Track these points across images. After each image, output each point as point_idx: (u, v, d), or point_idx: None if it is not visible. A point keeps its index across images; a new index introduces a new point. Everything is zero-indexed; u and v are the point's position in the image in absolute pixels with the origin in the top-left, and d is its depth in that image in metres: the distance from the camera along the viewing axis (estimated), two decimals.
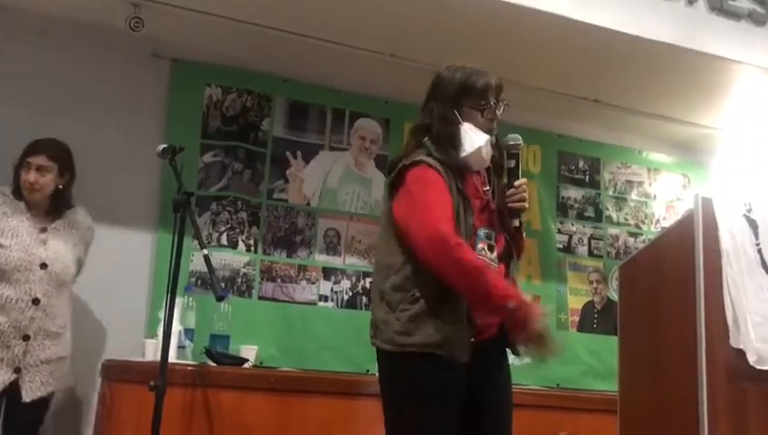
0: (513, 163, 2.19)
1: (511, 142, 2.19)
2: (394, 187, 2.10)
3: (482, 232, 2.08)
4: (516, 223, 2.16)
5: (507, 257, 2.16)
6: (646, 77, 3.64)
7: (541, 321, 1.98)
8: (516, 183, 2.16)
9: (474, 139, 2.09)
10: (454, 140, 2.09)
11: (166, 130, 3.44)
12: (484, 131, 2.12)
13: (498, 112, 2.15)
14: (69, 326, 2.72)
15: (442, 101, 2.13)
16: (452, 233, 1.95)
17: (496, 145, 2.18)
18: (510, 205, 2.15)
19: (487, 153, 2.13)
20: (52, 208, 2.73)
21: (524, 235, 2.24)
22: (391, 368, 2.04)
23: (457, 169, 2.09)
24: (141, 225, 3.36)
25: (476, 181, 2.15)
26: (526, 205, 2.17)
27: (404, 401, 2.01)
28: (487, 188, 2.17)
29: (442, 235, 1.94)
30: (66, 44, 3.35)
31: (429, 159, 2.07)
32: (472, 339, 2.03)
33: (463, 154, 2.08)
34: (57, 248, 2.69)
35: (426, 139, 2.13)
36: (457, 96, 2.12)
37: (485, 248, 2.06)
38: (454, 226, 1.99)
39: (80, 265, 2.81)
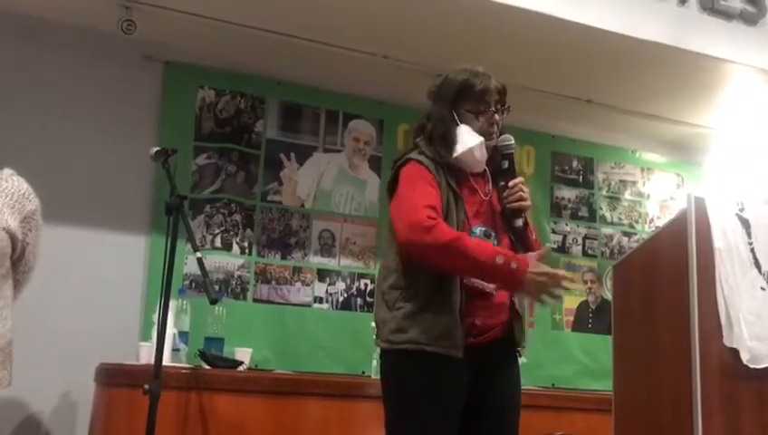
0: (506, 164, 2.18)
1: (502, 144, 2.18)
2: (391, 189, 2.13)
3: (477, 229, 2.08)
4: (520, 223, 2.15)
5: None
6: (638, 77, 3.64)
7: (538, 276, 1.95)
8: (510, 183, 2.15)
9: (467, 140, 2.10)
10: (446, 140, 2.11)
11: (159, 132, 3.43)
12: (483, 135, 2.12)
13: (498, 117, 2.16)
14: (3, 317, 2.19)
15: (441, 102, 2.16)
16: (426, 217, 1.95)
17: (495, 149, 2.19)
18: (508, 205, 2.14)
19: (482, 155, 2.13)
20: None
21: (535, 235, 2.23)
22: (389, 366, 2.06)
23: (449, 167, 2.11)
24: (134, 228, 3.35)
25: (478, 182, 2.16)
26: (526, 203, 2.15)
27: (401, 398, 2.02)
28: (489, 190, 2.17)
29: (416, 220, 1.95)
30: (58, 48, 3.34)
31: (419, 157, 2.10)
32: (471, 339, 2.03)
33: (455, 154, 2.10)
34: None
35: (419, 138, 2.16)
36: (455, 98, 2.14)
37: None
38: (437, 212, 1.99)
39: (15, 241, 2.20)
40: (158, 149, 2.69)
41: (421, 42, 3.37)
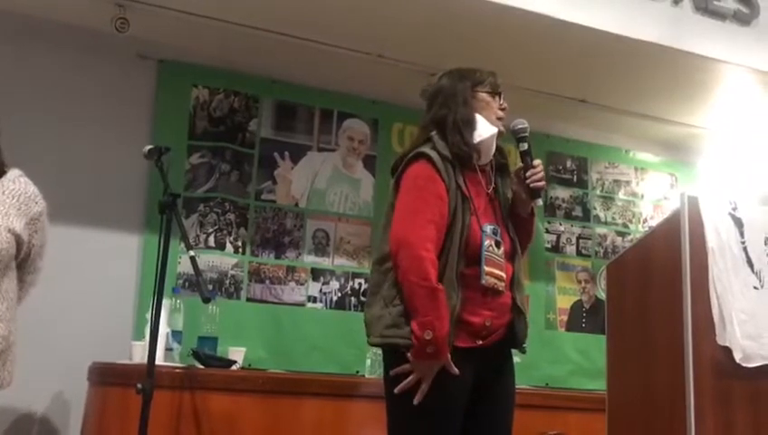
0: (525, 146, 2.22)
1: (519, 126, 2.23)
2: (398, 183, 2.11)
3: (488, 228, 2.08)
4: (540, 202, 2.20)
5: (512, 257, 2.16)
6: (632, 77, 3.65)
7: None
8: (536, 162, 2.19)
9: (488, 126, 2.14)
10: (470, 124, 2.12)
11: (152, 131, 3.43)
12: (497, 123, 2.17)
13: (504, 104, 2.21)
14: (7, 319, 2.14)
15: (457, 89, 2.16)
16: (425, 241, 1.96)
17: (498, 148, 2.21)
18: (532, 185, 2.17)
19: (493, 147, 2.17)
20: None
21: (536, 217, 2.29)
22: (386, 364, 2.05)
23: (462, 162, 2.10)
24: (128, 227, 3.34)
25: (481, 179, 2.16)
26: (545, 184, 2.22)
27: (404, 399, 1.99)
28: (492, 186, 2.18)
29: (413, 242, 1.96)
30: (52, 46, 3.33)
31: (432, 153, 2.07)
32: (480, 341, 2.03)
33: (478, 139, 2.11)
34: None
35: (434, 132, 2.13)
36: (473, 83, 2.17)
37: (493, 244, 2.07)
38: (438, 230, 1.99)
39: (21, 243, 2.19)
40: (151, 147, 2.68)
41: (416, 41, 3.37)
